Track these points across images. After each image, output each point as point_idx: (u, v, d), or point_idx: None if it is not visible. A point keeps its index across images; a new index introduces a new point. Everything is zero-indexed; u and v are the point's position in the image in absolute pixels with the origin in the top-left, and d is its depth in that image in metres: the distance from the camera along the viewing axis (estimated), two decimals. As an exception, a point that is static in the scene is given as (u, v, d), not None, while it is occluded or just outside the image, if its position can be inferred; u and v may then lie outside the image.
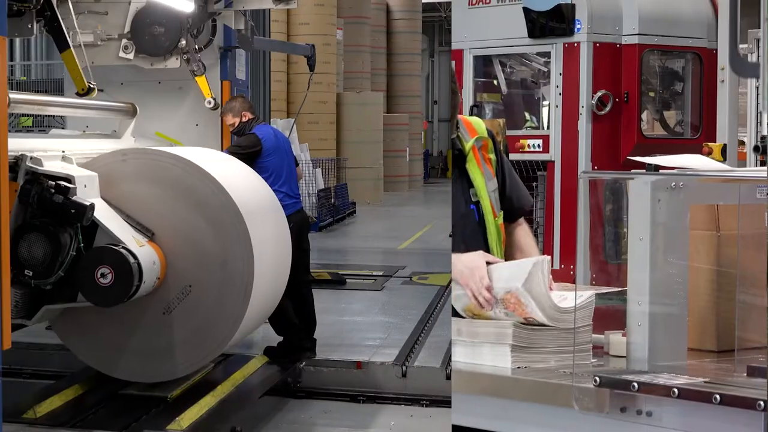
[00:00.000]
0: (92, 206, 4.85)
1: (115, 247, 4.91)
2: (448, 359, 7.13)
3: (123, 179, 5.35)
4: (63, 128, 8.64)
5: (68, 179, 4.89)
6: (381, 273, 11.53)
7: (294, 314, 7.06)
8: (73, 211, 4.81)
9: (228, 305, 5.30)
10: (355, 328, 8.33)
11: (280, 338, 7.02)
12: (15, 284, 4.85)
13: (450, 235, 12.06)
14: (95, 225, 4.95)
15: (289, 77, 20.16)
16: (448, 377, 6.68)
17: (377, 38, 26.38)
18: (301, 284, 7.00)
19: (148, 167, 5.39)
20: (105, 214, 5.05)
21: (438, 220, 17.77)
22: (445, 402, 6.30)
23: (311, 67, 9.11)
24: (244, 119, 7.06)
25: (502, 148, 3.84)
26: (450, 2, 33.92)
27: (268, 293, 5.87)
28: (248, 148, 6.86)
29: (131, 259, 4.88)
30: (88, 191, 5.00)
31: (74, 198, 4.83)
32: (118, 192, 5.30)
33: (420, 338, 7.84)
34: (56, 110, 6.36)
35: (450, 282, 10.47)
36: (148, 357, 5.45)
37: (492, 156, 3.50)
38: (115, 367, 5.56)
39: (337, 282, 10.61)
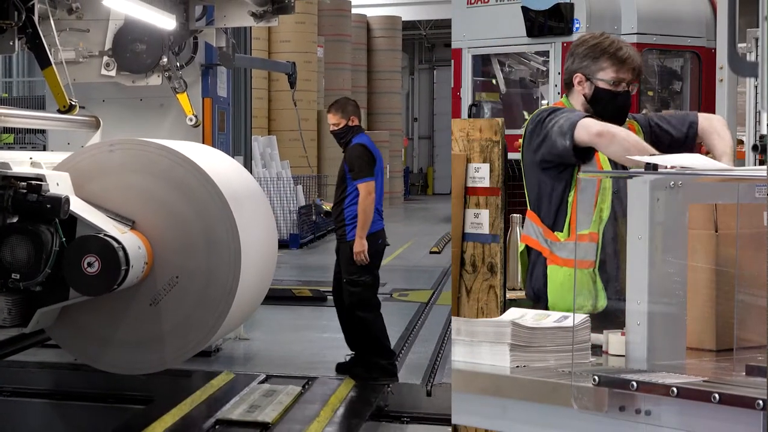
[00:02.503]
0: (67, 198, 4.83)
1: (98, 235, 4.91)
2: (428, 376, 7.16)
3: (110, 170, 5.34)
4: (45, 144, 8.64)
5: (39, 178, 4.88)
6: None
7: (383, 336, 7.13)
8: (48, 206, 4.78)
9: (215, 295, 5.28)
10: (335, 344, 8.32)
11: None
12: (4, 292, 4.84)
13: (431, 252, 12.10)
14: (74, 220, 4.93)
15: (270, 94, 20.18)
16: (429, 394, 6.71)
17: (358, 56, 26.47)
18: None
19: (136, 158, 5.37)
20: (82, 207, 5.04)
21: (418, 237, 17.80)
22: (425, 419, 6.32)
23: (292, 85, 9.15)
24: (351, 123, 7.09)
25: (501, 147, 4.03)
26: (429, 21, 34.10)
27: (255, 284, 5.87)
28: (372, 164, 6.98)
29: (115, 244, 4.87)
30: (60, 189, 4.98)
31: (48, 194, 4.82)
32: (105, 183, 5.29)
33: (400, 355, 7.86)
34: (15, 121, 6.34)
35: (430, 299, 10.54)
36: (136, 349, 5.42)
37: None
38: (101, 359, 5.53)
39: (317, 299, 10.63)
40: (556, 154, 3.71)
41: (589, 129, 3.58)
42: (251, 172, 8.17)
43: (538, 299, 3.88)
